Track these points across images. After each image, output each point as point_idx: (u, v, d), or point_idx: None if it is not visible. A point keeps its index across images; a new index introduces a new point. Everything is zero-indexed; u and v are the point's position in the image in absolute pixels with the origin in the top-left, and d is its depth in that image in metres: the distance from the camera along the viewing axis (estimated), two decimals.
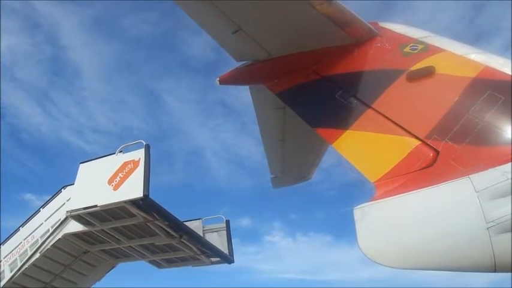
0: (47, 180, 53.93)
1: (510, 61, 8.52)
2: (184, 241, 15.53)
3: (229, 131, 61.72)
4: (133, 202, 13.01)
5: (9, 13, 50.09)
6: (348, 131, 9.71)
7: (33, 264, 15.78)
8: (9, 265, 16.03)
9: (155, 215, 13.91)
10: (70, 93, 59.80)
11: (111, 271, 18.31)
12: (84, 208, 13.69)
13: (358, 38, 10.20)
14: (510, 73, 8.25)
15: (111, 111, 61.50)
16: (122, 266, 18.37)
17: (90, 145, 55.93)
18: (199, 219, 17.79)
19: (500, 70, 8.38)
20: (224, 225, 17.82)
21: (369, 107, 9.53)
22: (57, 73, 59.35)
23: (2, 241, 16.87)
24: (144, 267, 17.95)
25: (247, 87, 12.32)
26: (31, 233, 16.00)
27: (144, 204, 13.08)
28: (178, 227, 15.06)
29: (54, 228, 15.38)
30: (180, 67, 62.46)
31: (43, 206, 16.27)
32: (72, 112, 60.44)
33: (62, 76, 59.23)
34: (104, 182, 13.25)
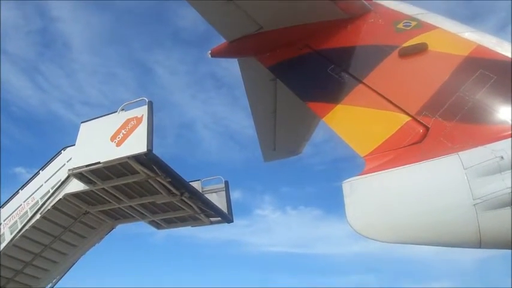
0: (38, 153, 52.22)
1: (503, 41, 8.02)
2: (185, 199, 14.92)
3: (220, 103, 59.84)
4: (137, 158, 12.41)
5: None
6: (338, 105, 9.17)
7: (33, 226, 15.07)
8: (9, 227, 15.30)
9: (158, 171, 13.23)
10: (60, 65, 56.86)
11: (110, 233, 17.67)
12: (87, 165, 12.99)
13: (352, 13, 9.63)
14: (502, 53, 7.76)
15: (102, 84, 58.74)
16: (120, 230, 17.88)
17: (80, 118, 53.08)
18: (198, 180, 17.16)
19: (493, 49, 7.88)
20: (223, 185, 17.18)
21: (361, 82, 8.99)
22: (47, 45, 56.36)
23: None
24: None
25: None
26: (31, 195, 15.26)
27: (148, 159, 12.43)
28: (180, 184, 14.36)
29: (54, 189, 14.69)
30: (171, 39, 59.69)
31: (43, 168, 15.48)
32: (62, 85, 57.47)
33: (52, 48, 56.24)
34: (106, 139, 12.60)
